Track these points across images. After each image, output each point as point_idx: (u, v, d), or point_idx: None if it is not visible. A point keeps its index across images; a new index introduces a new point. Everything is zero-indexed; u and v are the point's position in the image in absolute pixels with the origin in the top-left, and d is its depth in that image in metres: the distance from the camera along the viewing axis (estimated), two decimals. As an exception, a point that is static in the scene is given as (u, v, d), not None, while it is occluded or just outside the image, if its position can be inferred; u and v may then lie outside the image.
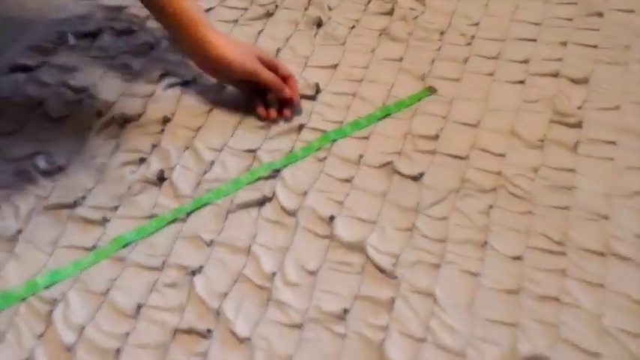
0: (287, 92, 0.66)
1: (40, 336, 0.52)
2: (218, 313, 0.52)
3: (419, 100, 0.68)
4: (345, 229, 0.57)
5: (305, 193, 0.61)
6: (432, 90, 0.69)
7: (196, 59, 0.66)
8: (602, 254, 0.55)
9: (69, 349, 0.51)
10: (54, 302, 0.53)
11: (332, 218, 0.58)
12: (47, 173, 0.63)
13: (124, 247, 0.56)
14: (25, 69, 0.74)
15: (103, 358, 0.50)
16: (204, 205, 0.59)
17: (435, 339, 0.50)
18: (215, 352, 0.50)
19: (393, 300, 0.53)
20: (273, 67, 0.66)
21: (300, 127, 0.67)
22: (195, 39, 0.64)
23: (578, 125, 0.64)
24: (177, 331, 0.52)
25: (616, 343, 0.49)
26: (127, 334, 0.52)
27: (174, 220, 0.58)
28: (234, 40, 0.68)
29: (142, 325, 0.52)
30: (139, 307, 0.53)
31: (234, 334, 0.51)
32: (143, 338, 0.51)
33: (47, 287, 0.54)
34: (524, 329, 0.50)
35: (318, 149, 0.64)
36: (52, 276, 0.55)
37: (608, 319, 0.51)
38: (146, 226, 0.58)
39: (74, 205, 0.60)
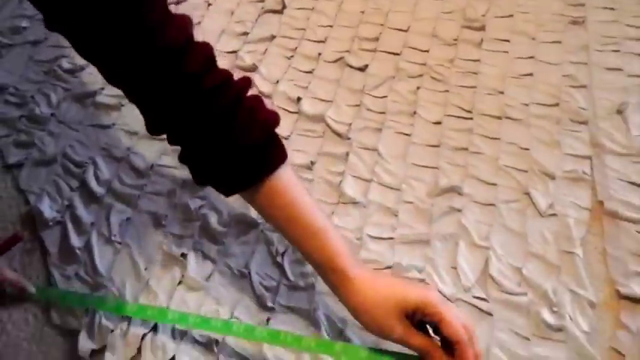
0: None
1: (77, 188, 0.50)
2: (215, 168, 0.51)
3: None
4: (309, 106, 0.56)
5: (277, 82, 0.58)
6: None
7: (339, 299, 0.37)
8: (498, 117, 0.54)
9: (99, 197, 0.49)
10: (85, 165, 0.51)
11: (299, 99, 0.56)
12: (71, 71, 0.59)
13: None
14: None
15: (126, 203, 0.48)
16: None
17: (378, 179, 0.50)
18: (214, 194, 0.49)
19: (347, 154, 0.52)
20: (437, 317, 0.33)
21: (272, 38, 0.63)
22: (331, 285, 0.37)
23: (482, 28, 0.63)
24: (184, 182, 0.50)
25: (507, 176, 0.50)
26: (144, 185, 0.50)
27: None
28: (379, 287, 0.35)
29: (156, 178, 0.50)
30: (152, 166, 0.51)
31: (228, 181, 0.50)
32: (157, 188, 0.50)
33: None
34: (442, 170, 0.51)
35: None
36: None
37: (502, 161, 0.51)
38: None
39: (95, 94, 0.56)
